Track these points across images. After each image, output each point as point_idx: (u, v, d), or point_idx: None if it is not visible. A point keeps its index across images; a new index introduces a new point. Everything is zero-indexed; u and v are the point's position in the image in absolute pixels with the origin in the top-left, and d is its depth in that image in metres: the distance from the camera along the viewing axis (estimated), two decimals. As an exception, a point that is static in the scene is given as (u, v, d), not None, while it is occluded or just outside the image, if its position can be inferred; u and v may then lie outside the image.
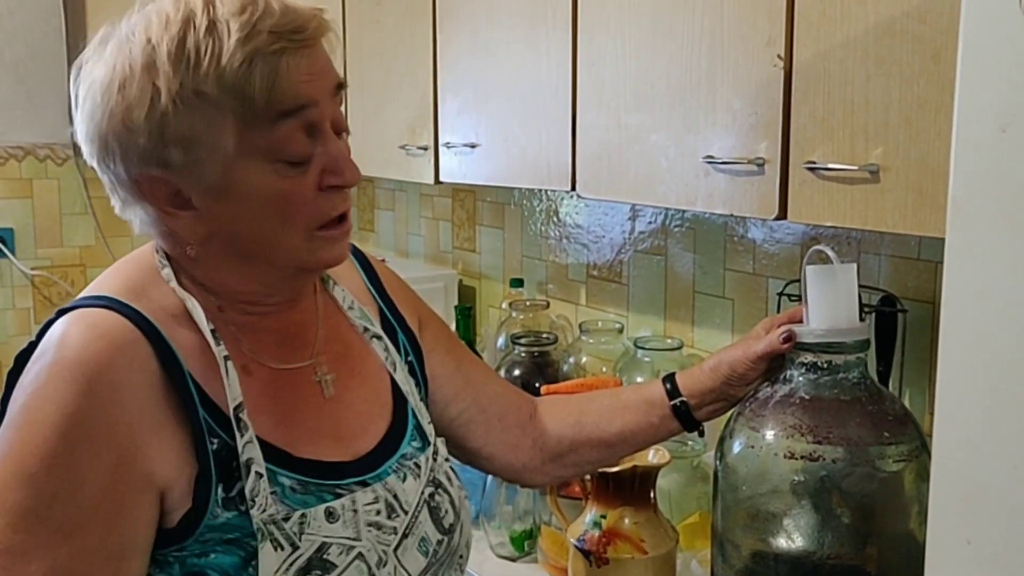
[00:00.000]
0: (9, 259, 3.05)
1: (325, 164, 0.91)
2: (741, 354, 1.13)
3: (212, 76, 0.85)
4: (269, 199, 0.89)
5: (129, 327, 0.88)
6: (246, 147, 0.87)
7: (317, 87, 0.89)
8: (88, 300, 0.91)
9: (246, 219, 0.90)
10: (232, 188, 0.89)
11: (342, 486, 0.95)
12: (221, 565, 0.87)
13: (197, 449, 0.88)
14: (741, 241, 1.71)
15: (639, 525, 1.32)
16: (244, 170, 0.88)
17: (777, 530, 1.10)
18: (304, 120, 0.88)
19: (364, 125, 2.15)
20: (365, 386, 1.04)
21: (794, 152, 1.18)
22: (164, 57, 0.85)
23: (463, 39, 1.79)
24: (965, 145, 0.71)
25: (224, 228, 0.91)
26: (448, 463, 1.08)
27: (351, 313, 1.07)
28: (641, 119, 1.40)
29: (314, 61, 0.89)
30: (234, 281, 0.95)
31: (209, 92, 0.85)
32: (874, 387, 1.12)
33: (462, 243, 2.49)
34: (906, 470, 1.07)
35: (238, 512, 0.88)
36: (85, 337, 0.86)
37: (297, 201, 0.90)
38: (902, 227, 1.07)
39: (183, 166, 0.88)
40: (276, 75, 0.86)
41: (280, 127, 0.87)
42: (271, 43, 0.86)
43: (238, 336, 0.96)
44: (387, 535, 0.96)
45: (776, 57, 1.19)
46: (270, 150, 0.88)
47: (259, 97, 0.86)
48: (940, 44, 1.01)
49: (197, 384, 0.90)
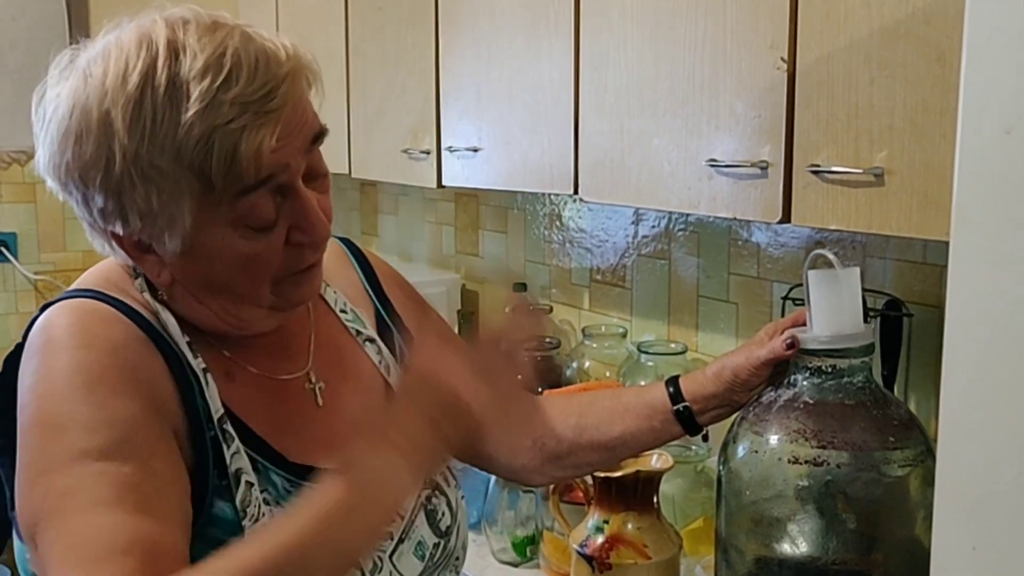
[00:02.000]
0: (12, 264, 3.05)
1: (293, 221, 0.87)
2: (744, 360, 1.13)
3: (168, 151, 0.80)
4: (235, 261, 0.86)
5: (118, 314, 0.87)
6: (207, 219, 0.84)
7: (287, 152, 0.84)
8: (72, 292, 0.90)
9: (210, 275, 0.88)
10: (196, 250, 0.86)
11: None
12: None
13: (194, 439, 0.86)
14: (745, 245, 1.71)
15: (642, 530, 1.32)
16: (207, 237, 0.85)
17: (781, 535, 1.09)
18: (272, 187, 0.84)
19: (367, 130, 2.15)
20: (358, 392, 1.03)
21: (798, 155, 1.18)
22: (119, 119, 0.80)
23: (465, 44, 1.78)
24: (969, 147, 0.71)
25: (188, 279, 0.89)
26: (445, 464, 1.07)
27: (343, 316, 1.06)
28: (644, 123, 1.39)
29: (286, 123, 0.83)
30: (204, 320, 0.92)
31: (165, 168, 0.81)
32: (879, 391, 1.11)
33: (465, 247, 2.48)
34: (911, 475, 1.07)
35: (233, 505, 0.87)
36: (73, 316, 0.85)
37: (263, 261, 0.87)
38: (907, 230, 1.07)
39: (143, 229, 0.85)
40: (236, 154, 0.80)
41: (243, 201, 0.83)
42: (232, 117, 0.80)
43: (217, 346, 0.94)
44: (381, 540, 0.94)
45: (779, 60, 1.18)
46: (234, 221, 0.84)
47: (217, 177, 0.81)
48: (945, 46, 1.00)
49: (196, 375, 0.89)
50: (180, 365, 0.88)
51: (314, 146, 0.88)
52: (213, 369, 0.91)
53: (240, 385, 0.93)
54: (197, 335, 0.92)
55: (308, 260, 0.90)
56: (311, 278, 0.92)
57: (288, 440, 0.94)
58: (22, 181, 3.08)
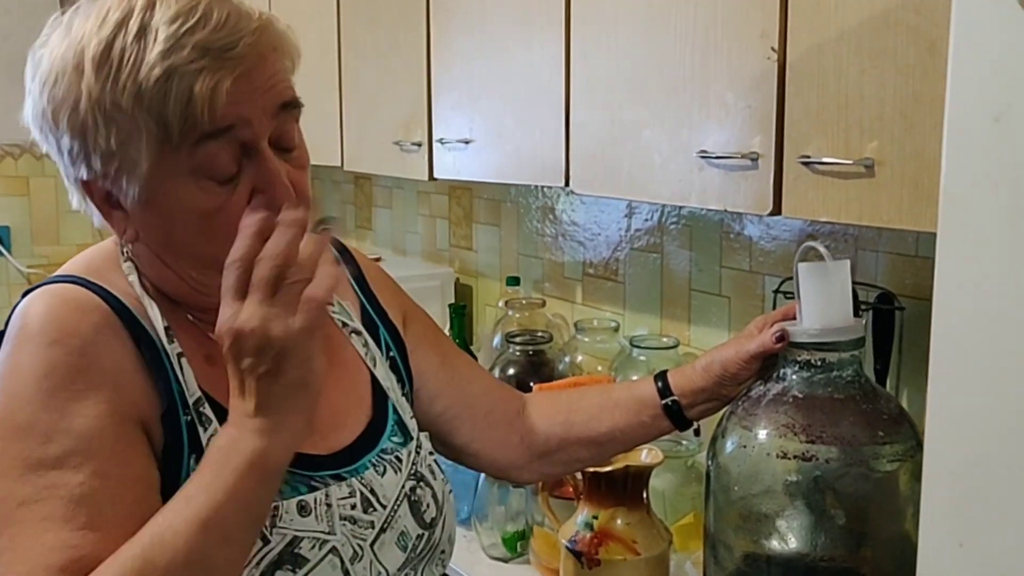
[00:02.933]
0: (5, 257, 3.05)
1: (257, 182, 0.87)
2: (733, 353, 1.11)
3: (129, 90, 0.82)
4: (192, 216, 0.86)
5: (96, 300, 0.88)
6: (166, 166, 0.84)
7: (249, 107, 0.85)
8: (52, 279, 0.92)
9: (171, 231, 0.88)
10: (155, 201, 0.86)
11: (316, 478, 0.93)
12: None
13: (166, 424, 0.87)
14: (737, 238, 1.69)
15: (631, 526, 1.30)
16: (166, 186, 0.85)
17: (770, 531, 1.08)
18: (231, 141, 0.85)
19: (359, 122, 2.13)
20: (343, 380, 1.03)
21: (788, 146, 1.16)
22: (89, 60, 0.82)
23: (457, 34, 1.77)
24: (957, 136, 0.69)
25: (151, 236, 0.90)
26: (432, 457, 1.07)
27: (329, 307, 1.05)
28: (635, 114, 1.38)
29: (249, 78, 0.84)
30: (171, 285, 0.93)
31: (125, 107, 0.82)
32: (869, 386, 1.10)
33: (459, 241, 2.47)
34: (901, 470, 1.05)
35: None
36: (49, 304, 0.87)
37: (222, 219, 0.86)
38: (897, 222, 1.06)
39: (106, 175, 0.86)
40: (191, 97, 0.81)
41: (203, 148, 0.84)
42: (191, 60, 0.81)
43: (201, 327, 0.94)
44: (363, 529, 0.94)
45: (770, 50, 1.17)
46: (193, 169, 0.85)
47: (173, 119, 0.82)
48: (935, 35, 0.99)
49: (171, 360, 0.89)
50: (155, 350, 0.89)
51: (285, 114, 0.89)
52: (192, 353, 0.91)
53: (221, 368, 0.91)
54: (178, 318, 0.93)
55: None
56: None
57: None
58: (15, 174, 3.07)
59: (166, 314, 0.92)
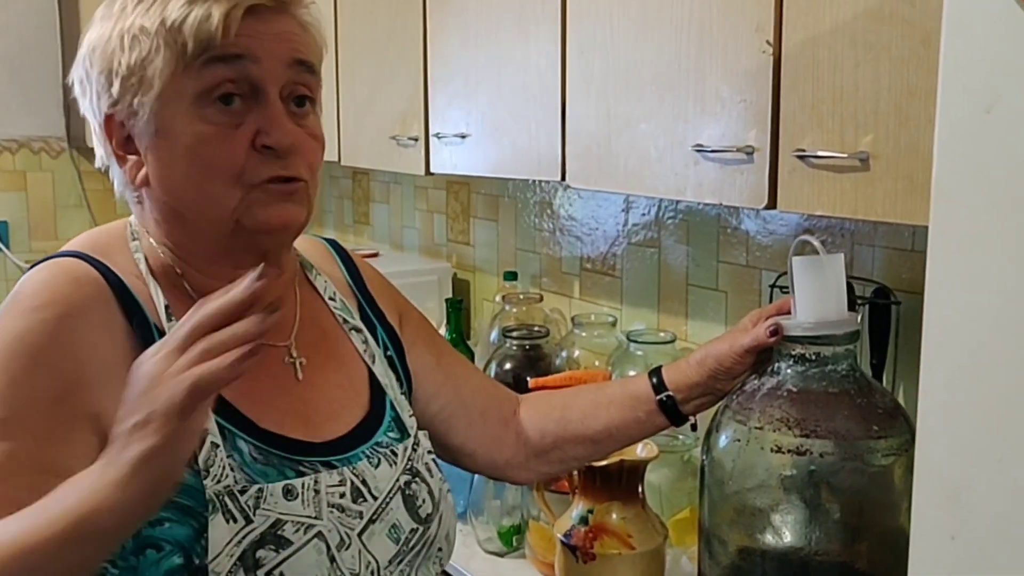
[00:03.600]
0: (3, 252, 3.04)
1: (261, 124, 0.90)
2: (727, 347, 1.11)
3: (157, 13, 0.88)
4: (194, 144, 0.90)
5: (94, 274, 0.90)
6: (177, 87, 0.89)
7: (262, 46, 0.90)
8: (59, 253, 0.94)
9: (177, 162, 0.91)
10: (165, 129, 0.90)
11: (305, 463, 0.93)
12: (174, 536, 0.86)
13: None
14: (734, 233, 1.69)
15: (627, 520, 1.30)
16: (173, 111, 0.89)
17: (764, 526, 1.08)
18: (239, 72, 0.89)
19: (355, 116, 2.13)
20: (340, 373, 1.03)
21: (783, 140, 1.16)
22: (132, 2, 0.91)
23: (453, 29, 1.76)
24: (948, 128, 0.69)
25: (160, 174, 0.92)
26: (431, 456, 1.06)
27: (332, 303, 1.07)
28: (630, 108, 1.38)
29: (269, 24, 0.91)
30: (179, 233, 0.95)
31: (150, 28, 0.88)
32: (863, 380, 1.09)
33: (456, 236, 2.47)
34: (896, 464, 1.05)
35: (192, 471, 0.86)
36: (47, 276, 0.89)
37: (223, 150, 0.89)
38: (892, 216, 1.05)
39: (121, 101, 0.91)
40: (210, 17, 0.87)
41: (209, 71, 0.89)
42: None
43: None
44: (351, 518, 0.94)
45: (765, 43, 1.17)
46: (199, 94, 0.89)
47: (189, 35, 0.87)
48: (930, 28, 0.98)
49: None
50: (147, 329, 0.90)
51: (299, 69, 0.93)
52: None
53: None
54: (180, 297, 0.94)
55: (273, 170, 0.91)
56: (284, 199, 0.92)
57: (261, 407, 0.94)
58: (13, 169, 3.07)
59: (168, 293, 0.93)
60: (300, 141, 0.93)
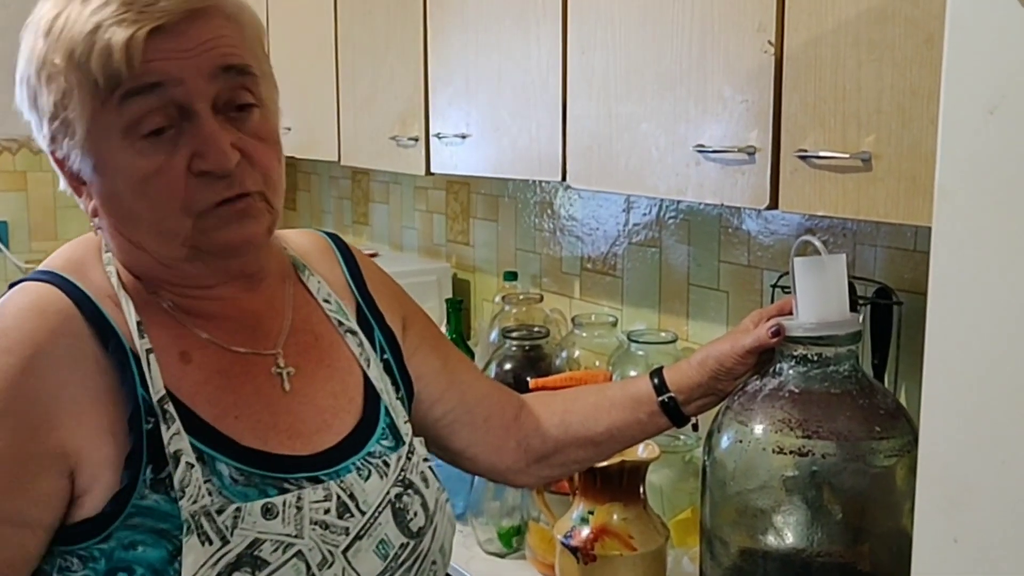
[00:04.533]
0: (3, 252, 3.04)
1: (195, 147, 0.86)
2: (729, 348, 1.11)
3: (64, 47, 0.83)
4: (133, 180, 0.86)
5: (66, 302, 0.88)
6: (101, 124, 0.84)
7: (181, 66, 0.84)
8: (35, 274, 0.92)
9: (119, 200, 0.88)
10: (99, 167, 0.87)
11: (290, 480, 0.90)
12: (147, 559, 0.83)
13: (131, 429, 0.85)
14: (736, 233, 1.69)
15: (628, 521, 1.30)
16: (105, 148, 0.86)
17: (766, 527, 1.08)
18: (162, 99, 0.84)
19: (355, 116, 2.13)
20: (332, 380, 1.00)
21: (785, 140, 1.15)
22: (42, 29, 0.86)
23: (453, 29, 1.76)
24: (952, 128, 0.69)
25: (107, 206, 0.90)
26: (427, 463, 1.02)
27: (326, 306, 1.04)
28: (631, 108, 1.37)
29: (181, 38, 0.84)
30: (134, 259, 0.92)
31: (60, 64, 0.83)
32: (865, 380, 1.09)
33: (456, 236, 2.47)
34: (898, 465, 1.05)
35: (168, 497, 0.85)
36: (19, 307, 0.87)
37: (162, 183, 0.85)
38: (894, 216, 1.05)
39: (55, 140, 0.87)
40: (111, 51, 0.81)
41: (129, 106, 0.83)
42: (115, 13, 0.82)
43: (178, 317, 0.93)
44: (335, 535, 0.90)
45: (767, 43, 1.16)
46: (125, 129, 0.84)
47: (97, 72, 0.82)
48: (933, 28, 0.98)
49: (139, 363, 0.88)
50: (122, 352, 0.87)
51: (227, 77, 0.87)
52: (165, 349, 0.90)
53: (196, 367, 0.92)
54: (154, 312, 0.92)
55: (219, 194, 0.87)
56: (237, 219, 0.89)
57: (243, 423, 0.91)
58: (13, 169, 3.07)
59: (141, 308, 0.90)
60: (248, 152, 0.88)
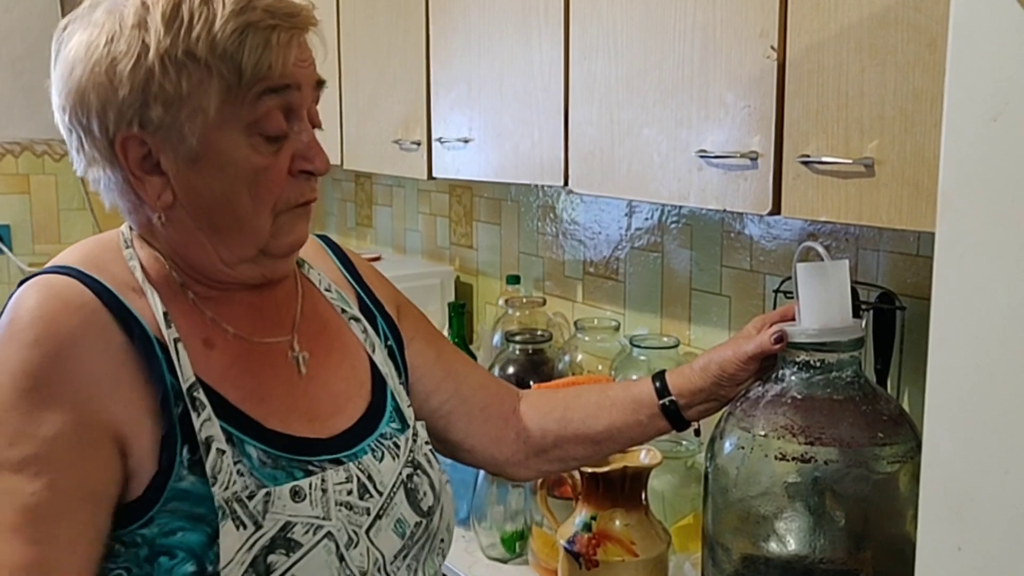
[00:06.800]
0: (6, 255, 3.04)
1: (297, 149, 0.92)
2: (731, 354, 1.11)
3: (204, 40, 0.86)
4: (242, 172, 0.89)
5: (88, 294, 0.88)
6: (227, 116, 0.88)
7: (303, 73, 0.91)
8: (51, 269, 0.91)
9: (217, 189, 0.90)
10: (207, 156, 0.89)
11: (314, 463, 0.93)
12: (187, 543, 0.85)
13: (163, 413, 0.87)
14: (738, 238, 1.69)
15: (630, 527, 1.30)
16: (222, 139, 0.88)
17: (768, 533, 1.07)
18: (285, 101, 0.90)
19: (358, 120, 2.13)
20: (343, 365, 1.02)
21: (788, 146, 1.15)
22: (157, 17, 0.86)
23: (456, 34, 1.76)
24: (955, 135, 0.69)
25: (192, 197, 0.91)
26: (429, 447, 1.06)
27: (328, 295, 1.07)
28: (633, 113, 1.37)
29: (303, 49, 0.91)
30: (197, 255, 0.94)
31: (200, 55, 0.86)
32: (868, 386, 1.09)
33: (459, 239, 2.47)
34: (901, 471, 1.04)
35: (203, 479, 0.86)
36: (40, 298, 0.87)
37: (269, 179, 0.90)
38: (897, 222, 1.05)
39: (162, 126, 0.87)
40: (267, 48, 0.87)
41: (263, 102, 0.88)
42: (264, 19, 0.87)
43: (202, 308, 0.95)
44: (359, 516, 0.94)
45: (769, 49, 1.16)
46: (250, 124, 0.88)
47: (247, 67, 0.87)
48: (936, 32, 0.98)
49: (165, 350, 0.89)
50: (148, 341, 0.88)
51: (318, 90, 0.95)
52: (190, 338, 0.91)
53: (219, 352, 0.93)
54: (179, 302, 0.93)
55: (307, 195, 0.94)
56: (302, 220, 0.96)
57: (267, 407, 0.94)
58: (16, 172, 3.07)
59: (166, 299, 0.92)
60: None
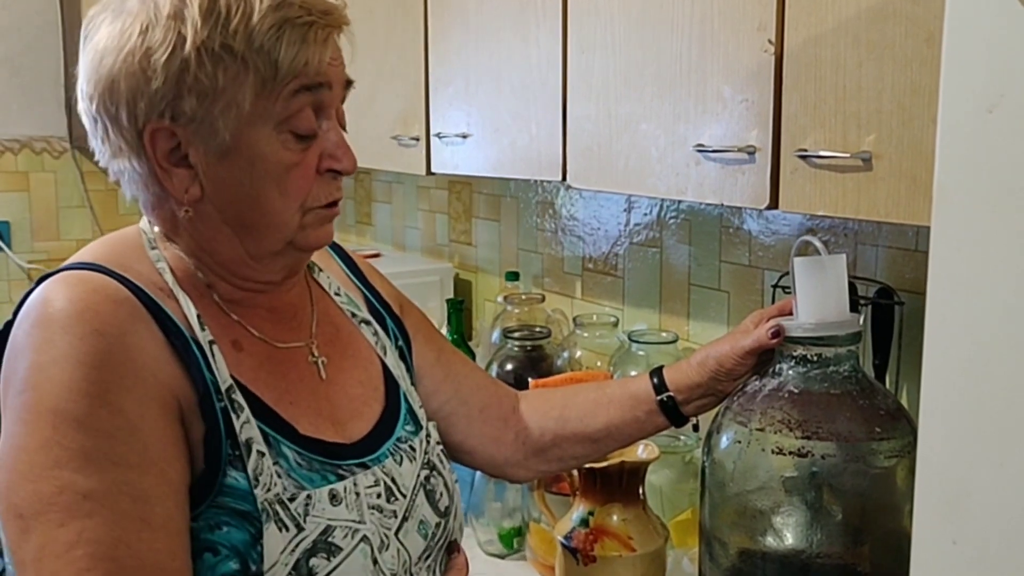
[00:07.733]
0: (5, 252, 3.04)
1: (325, 148, 0.92)
2: (729, 349, 1.11)
3: (241, 34, 0.85)
4: (272, 168, 0.89)
5: (124, 290, 0.86)
6: (260, 111, 0.87)
7: (335, 72, 0.92)
8: (73, 265, 0.90)
9: (247, 184, 0.89)
10: (238, 150, 0.88)
11: (343, 467, 0.93)
12: (232, 541, 0.85)
13: (204, 411, 0.86)
14: (737, 233, 1.68)
15: (627, 522, 1.29)
16: (253, 134, 0.88)
17: (766, 528, 1.07)
18: (317, 99, 0.90)
19: (357, 116, 2.10)
20: (357, 369, 1.03)
21: (785, 140, 1.15)
22: (195, 9, 0.85)
23: (454, 29, 1.76)
24: (950, 127, 0.68)
25: (220, 191, 0.90)
26: (440, 447, 1.07)
27: (338, 298, 1.07)
28: (631, 108, 1.37)
29: (334, 49, 0.92)
30: (223, 249, 0.93)
31: (237, 49, 0.85)
32: (866, 381, 1.09)
33: (458, 236, 2.46)
34: (898, 466, 1.04)
35: (245, 475, 0.86)
36: (79, 292, 0.84)
37: (298, 175, 0.90)
38: (895, 216, 1.04)
39: (194, 119, 0.87)
40: (303, 45, 0.87)
41: (297, 99, 0.88)
42: (302, 15, 0.87)
43: (228, 312, 0.94)
44: (388, 518, 0.95)
45: (767, 42, 1.16)
46: (281, 121, 0.88)
47: (284, 63, 0.87)
48: (934, 27, 0.97)
49: (201, 350, 0.88)
50: (184, 340, 0.87)
51: (346, 89, 0.96)
52: (220, 339, 0.91)
53: (247, 355, 0.94)
54: (207, 305, 0.92)
55: (334, 194, 0.94)
56: (329, 221, 0.96)
57: (297, 410, 0.94)
58: (15, 170, 3.06)
59: (196, 302, 0.91)
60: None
